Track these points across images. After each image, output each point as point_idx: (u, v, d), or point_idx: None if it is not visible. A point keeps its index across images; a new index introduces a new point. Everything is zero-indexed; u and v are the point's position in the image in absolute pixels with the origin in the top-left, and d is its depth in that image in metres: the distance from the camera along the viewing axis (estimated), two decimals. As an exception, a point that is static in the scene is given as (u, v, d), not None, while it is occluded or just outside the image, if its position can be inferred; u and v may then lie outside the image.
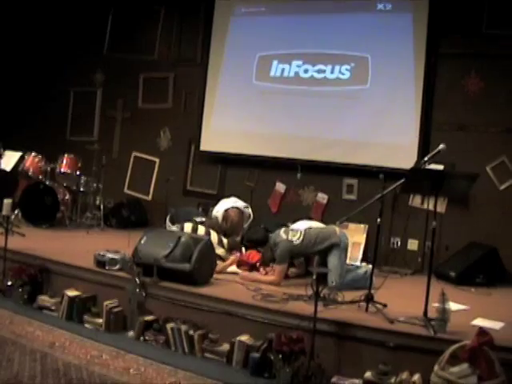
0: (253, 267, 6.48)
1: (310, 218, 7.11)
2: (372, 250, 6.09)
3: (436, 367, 4.02)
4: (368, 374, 4.34)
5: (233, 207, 7.25)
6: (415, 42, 7.65)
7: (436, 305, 4.56)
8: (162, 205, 8.64)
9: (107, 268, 5.82)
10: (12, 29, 10.04)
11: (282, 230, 6.08)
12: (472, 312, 5.19)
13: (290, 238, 5.92)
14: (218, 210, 7.27)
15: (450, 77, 7.53)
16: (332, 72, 8.19)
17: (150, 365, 4.67)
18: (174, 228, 6.82)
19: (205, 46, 9.15)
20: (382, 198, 5.10)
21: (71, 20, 10.03)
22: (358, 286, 5.67)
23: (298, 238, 5.91)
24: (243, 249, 6.75)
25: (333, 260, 5.86)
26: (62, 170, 8.47)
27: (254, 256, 6.52)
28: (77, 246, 6.94)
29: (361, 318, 4.75)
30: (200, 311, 5.20)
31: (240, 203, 7.40)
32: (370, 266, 6.04)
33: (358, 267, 6.42)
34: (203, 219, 7.17)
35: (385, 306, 4.96)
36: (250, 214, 7.42)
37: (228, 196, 7.70)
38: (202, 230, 6.67)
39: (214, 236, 6.61)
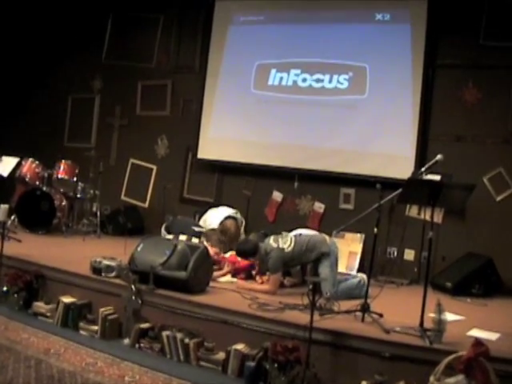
0: (249, 276, 6.47)
1: (306, 228, 7.10)
2: (368, 259, 6.09)
3: (432, 378, 4.01)
4: (363, 384, 4.34)
5: (228, 218, 7.24)
6: (413, 53, 7.68)
7: (432, 315, 4.56)
8: (158, 212, 8.65)
9: (103, 275, 5.81)
10: (10, 35, 10.05)
11: (272, 238, 6.07)
12: (468, 323, 5.19)
13: (280, 245, 5.91)
14: (212, 223, 7.23)
15: (447, 87, 7.56)
16: (330, 81, 8.22)
17: (145, 373, 4.65)
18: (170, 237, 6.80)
19: (203, 54, 9.18)
20: (379, 208, 5.11)
21: (70, 26, 10.05)
22: (353, 296, 5.68)
23: (289, 246, 5.91)
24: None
25: (324, 270, 5.86)
26: (59, 176, 8.47)
27: (247, 261, 6.48)
28: (73, 253, 6.93)
29: (357, 328, 4.75)
30: (196, 319, 5.19)
31: (231, 211, 7.39)
32: (365, 275, 6.06)
33: (353, 277, 6.41)
34: (201, 229, 7.13)
35: (381, 315, 4.96)
36: (242, 220, 7.42)
37: (222, 204, 7.73)
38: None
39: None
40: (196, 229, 7.11)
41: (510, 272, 6.88)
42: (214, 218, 7.32)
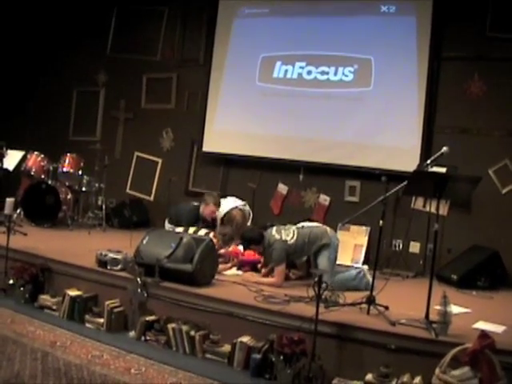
0: (253, 268, 6.47)
1: (311, 221, 7.09)
2: (374, 252, 6.09)
3: (437, 370, 4.02)
4: (369, 377, 4.33)
5: (235, 208, 7.23)
6: (418, 45, 7.65)
7: (438, 307, 4.55)
8: (164, 205, 8.65)
9: (109, 268, 5.82)
10: (15, 28, 10.06)
11: (274, 229, 6.07)
12: (474, 315, 5.18)
13: (283, 237, 5.92)
14: (219, 212, 7.23)
15: (452, 80, 7.53)
16: (335, 74, 8.20)
17: (151, 365, 4.67)
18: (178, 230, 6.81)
19: (208, 46, 9.16)
20: (385, 201, 5.10)
21: (74, 20, 10.05)
22: (350, 287, 5.67)
23: (292, 238, 5.92)
24: (241, 247, 6.72)
25: (322, 261, 5.89)
26: (65, 169, 8.49)
27: (252, 255, 6.49)
28: (78, 246, 6.94)
29: (362, 320, 4.75)
30: (201, 312, 5.20)
31: (239, 202, 7.39)
32: (365, 267, 6.08)
33: (352, 268, 6.39)
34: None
35: (386, 308, 4.96)
36: (249, 212, 7.41)
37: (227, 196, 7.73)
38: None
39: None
40: (195, 203, 7.16)
41: (515, 264, 6.88)
42: (222, 206, 7.32)
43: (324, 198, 8.19)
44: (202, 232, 6.64)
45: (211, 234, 6.61)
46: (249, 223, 7.31)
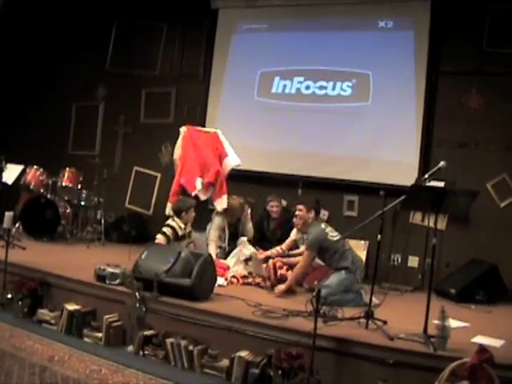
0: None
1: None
2: (372, 266, 6.08)
3: (436, 384, 4.01)
4: (367, 391, 4.33)
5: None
6: (416, 60, 7.71)
7: (436, 322, 4.55)
8: (163, 220, 8.63)
9: (107, 282, 5.81)
10: (15, 42, 10.08)
11: (324, 223, 6.29)
12: (472, 329, 5.18)
13: (327, 230, 6.06)
14: None
15: (450, 94, 7.57)
16: (333, 89, 8.25)
17: (149, 380, 4.65)
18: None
19: (207, 61, 9.22)
20: (383, 215, 5.10)
21: (74, 34, 10.08)
22: (343, 305, 5.58)
23: (333, 237, 6.03)
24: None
25: (333, 278, 5.90)
26: (64, 183, 8.49)
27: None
28: (77, 260, 6.94)
29: (361, 335, 4.74)
30: (200, 326, 5.19)
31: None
32: (364, 286, 6.05)
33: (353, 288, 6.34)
34: None
35: (385, 322, 4.95)
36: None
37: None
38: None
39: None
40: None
41: (514, 278, 6.88)
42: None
43: (322, 212, 8.17)
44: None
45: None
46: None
